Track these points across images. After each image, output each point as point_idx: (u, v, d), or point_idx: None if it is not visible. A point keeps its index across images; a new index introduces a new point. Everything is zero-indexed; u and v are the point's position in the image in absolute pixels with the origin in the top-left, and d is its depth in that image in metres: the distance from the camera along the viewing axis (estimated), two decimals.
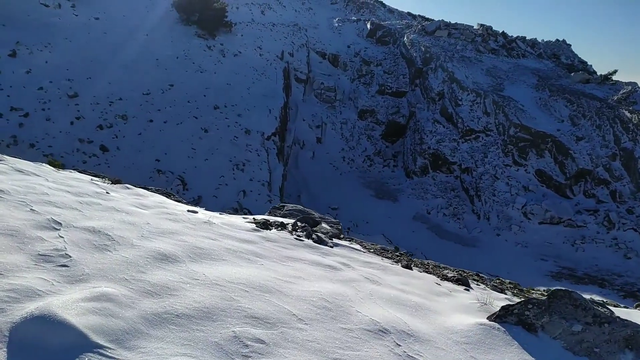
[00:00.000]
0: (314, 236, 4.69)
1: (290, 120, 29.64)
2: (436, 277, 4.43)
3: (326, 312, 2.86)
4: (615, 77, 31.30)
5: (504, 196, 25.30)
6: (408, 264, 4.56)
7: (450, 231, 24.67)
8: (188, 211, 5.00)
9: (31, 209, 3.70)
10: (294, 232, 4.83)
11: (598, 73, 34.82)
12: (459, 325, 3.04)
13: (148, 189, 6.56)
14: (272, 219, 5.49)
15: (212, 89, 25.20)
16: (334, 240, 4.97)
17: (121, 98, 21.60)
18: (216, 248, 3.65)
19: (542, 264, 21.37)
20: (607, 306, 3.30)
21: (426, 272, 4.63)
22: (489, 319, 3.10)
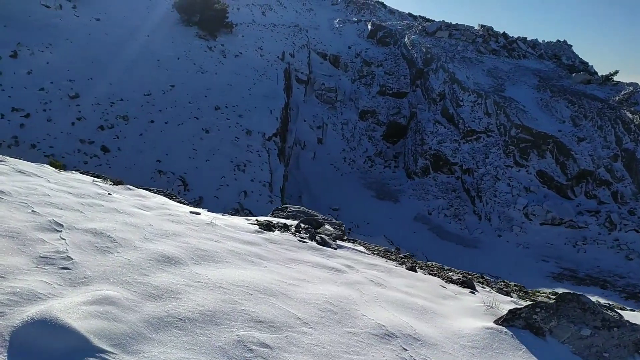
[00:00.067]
0: (318, 238, 4.65)
1: (291, 121, 29.61)
2: (441, 280, 4.39)
3: (331, 316, 2.82)
4: (616, 78, 31.28)
5: (505, 197, 25.25)
6: (413, 266, 4.52)
7: (451, 232, 24.61)
8: (190, 212, 4.97)
9: (32, 211, 3.67)
10: (297, 234, 4.79)
11: (599, 74, 34.77)
12: (466, 329, 2.99)
13: (150, 190, 6.52)
14: (275, 221, 5.45)
15: (213, 90, 25.18)
16: (338, 242, 4.92)
17: (122, 99, 21.58)
18: (219, 250, 3.61)
19: (544, 265, 21.30)
20: (615, 310, 3.25)
21: (431, 275, 4.58)
22: (496, 323, 3.05)
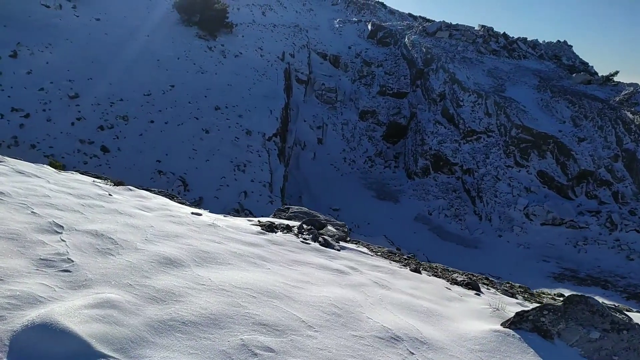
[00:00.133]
0: (321, 239, 4.61)
1: (291, 121, 29.57)
2: (446, 281, 4.34)
3: (336, 319, 2.77)
4: (616, 78, 31.27)
5: (506, 197, 25.22)
6: (417, 268, 4.48)
7: (451, 232, 24.58)
8: (192, 213, 4.92)
9: (32, 212, 3.62)
10: (300, 235, 4.74)
11: (599, 74, 34.77)
12: (473, 331, 2.95)
13: (151, 191, 6.47)
14: (277, 222, 5.40)
15: (213, 90, 25.14)
16: (341, 243, 4.88)
17: (122, 99, 21.54)
18: (222, 252, 3.56)
19: (544, 265, 21.25)
20: (624, 312, 3.21)
21: (435, 276, 4.54)
22: (503, 326, 3.01)
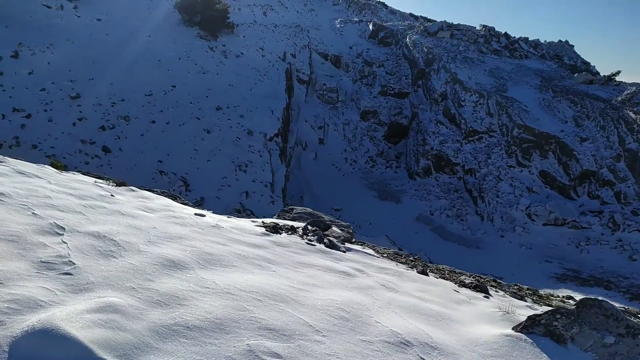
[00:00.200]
0: (326, 240, 4.53)
1: (292, 121, 29.51)
2: (453, 284, 4.26)
3: (344, 323, 2.70)
4: (618, 78, 31.18)
5: (508, 197, 25.12)
6: (424, 270, 4.41)
7: (453, 232, 24.48)
8: (195, 214, 4.85)
9: (33, 213, 3.56)
10: (305, 236, 4.67)
11: (601, 74, 34.66)
12: (484, 336, 2.88)
13: (153, 192, 6.41)
14: (282, 223, 5.32)
15: (215, 90, 25.09)
16: (346, 244, 4.80)
17: (123, 99, 21.50)
18: (226, 254, 3.49)
19: (547, 266, 21.16)
20: (638, 315, 3.14)
21: (443, 278, 4.46)
22: (515, 330, 2.94)
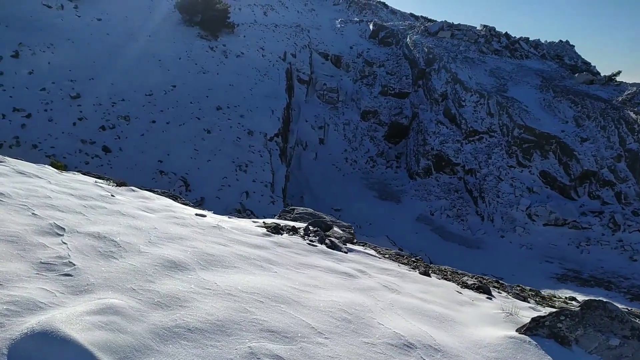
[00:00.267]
0: (327, 241, 4.51)
1: (292, 121, 29.48)
2: (456, 285, 4.24)
3: (346, 325, 2.68)
4: (619, 78, 31.14)
5: (508, 197, 25.08)
6: (426, 271, 4.38)
7: (454, 233, 24.45)
8: (196, 215, 4.83)
9: (33, 214, 3.53)
10: (307, 237, 4.64)
11: (602, 74, 34.62)
12: (487, 338, 2.85)
13: (154, 192, 6.38)
14: (283, 223, 5.30)
15: (215, 90, 25.07)
16: (348, 245, 4.78)
17: (124, 99, 21.48)
18: (227, 254, 3.46)
19: (547, 266, 21.12)
20: None
21: (445, 279, 4.44)
22: (519, 332, 2.91)
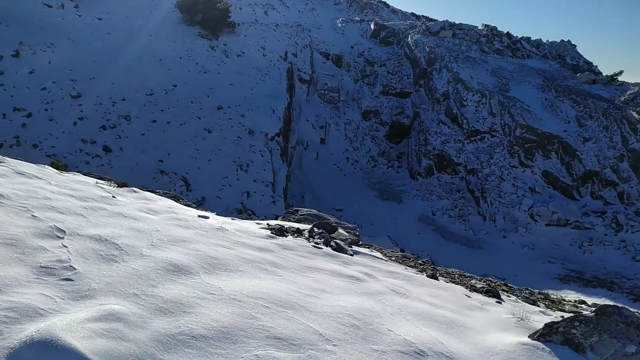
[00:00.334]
0: (333, 243, 4.43)
1: (293, 120, 29.40)
2: (464, 288, 4.16)
3: (355, 331, 2.60)
4: (621, 78, 31.03)
5: (510, 197, 24.99)
6: (433, 274, 4.30)
7: (455, 233, 24.35)
8: (199, 216, 4.75)
9: (32, 215, 3.46)
10: (312, 239, 4.56)
11: (603, 74, 34.49)
12: (500, 344, 2.77)
13: (156, 193, 6.30)
14: (287, 225, 5.21)
15: (216, 90, 24.99)
16: (353, 247, 4.70)
17: (124, 98, 21.41)
18: (231, 257, 3.38)
19: (550, 267, 21.03)
20: None
21: (453, 283, 4.36)
22: (532, 338, 2.83)
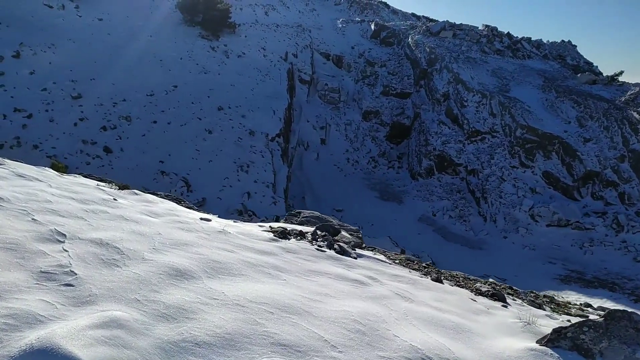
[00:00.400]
0: (336, 246, 4.39)
1: (294, 121, 29.37)
2: (469, 292, 4.11)
3: (361, 337, 2.56)
4: (621, 78, 31.00)
5: (511, 198, 24.94)
6: (438, 277, 4.26)
7: (456, 233, 24.32)
8: (201, 219, 4.71)
9: (32, 219, 3.41)
10: (315, 242, 4.51)
11: (604, 74, 34.46)
12: (507, 350, 2.73)
13: (157, 195, 6.26)
14: (290, 227, 5.17)
15: (216, 90, 24.96)
16: (357, 250, 4.66)
17: (125, 99, 21.38)
18: (234, 261, 3.34)
19: (550, 267, 20.99)
20: None
21: (458, 286, 4.32)
22: (539, 343, 2.79)
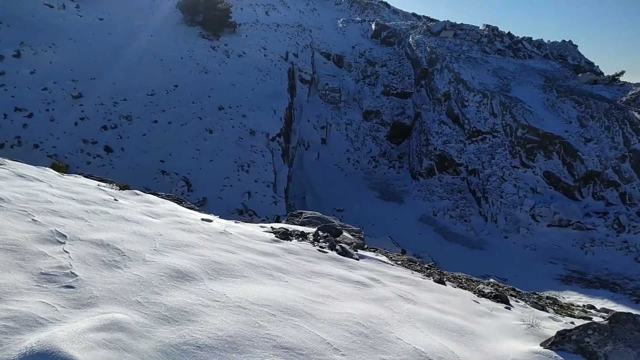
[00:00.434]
0: (338, 247, 4.36)
1: (295, 121, 29.35)
2: (472, 293, 4.09)
3: (364, 340, 2.53)
4: (622, 78, 30.94)
5: (512, 198, 24.91)
6: (441, 279, 4.23)
7: (457, 233, 24.29)
8: (202, 220, 4.69)
9: (33, 220, 3.39)
10: (316, 243, 4.49)
11: (605, 74, 34.40)
12: (511, 353, 2.70)
13: (158, 195, 6.24)
14: (292, 228, 5.15)
15: (217, 90, 24.94)
16: (359, 251, 4.64)
17: (125, 99, 21.37)
18: (236, 263, 3.32)
19: (551, 267, 20.96)
20: None
21: (460, 288, 4.29)
22: (544, 346, 2.77)
